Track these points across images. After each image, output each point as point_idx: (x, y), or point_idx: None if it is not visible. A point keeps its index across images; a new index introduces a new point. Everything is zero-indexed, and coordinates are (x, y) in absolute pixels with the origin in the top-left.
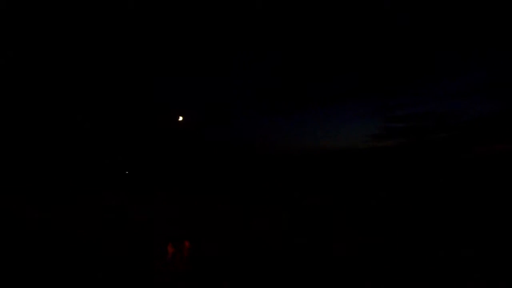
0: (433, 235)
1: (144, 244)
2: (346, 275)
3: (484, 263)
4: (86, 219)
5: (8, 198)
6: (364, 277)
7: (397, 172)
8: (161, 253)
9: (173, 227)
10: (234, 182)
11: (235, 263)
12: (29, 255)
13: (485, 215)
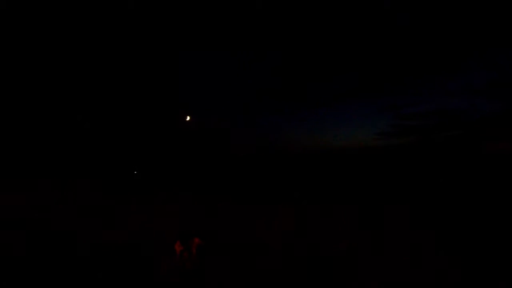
0: (435, 234)
1: (151, 242)
2: (348, 275)
3: (486, 263)
4: (89, 219)
5: (7, 198)
6: (366, 277)
7: (403, 170)
8: (168, 251)
9: (181, 224)
10: (237, 182)
11: (240, 262)
12: (29, 255)
13: (491, 215)
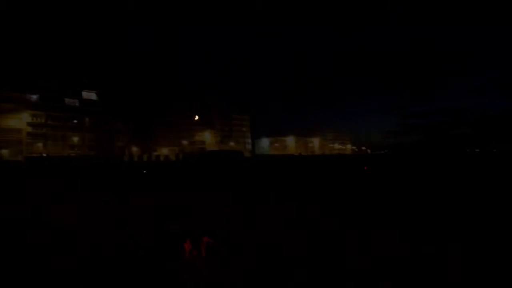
0: (442, 234)
1: (158, 241)
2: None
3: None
4: (93, 218)
5: (8, 198)
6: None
7: (411, 169)
8: (177, 251)
9: (190, 223)
10: (246, 180)
11: (250, 261)
12: (31, 255)
13: (500, 214)
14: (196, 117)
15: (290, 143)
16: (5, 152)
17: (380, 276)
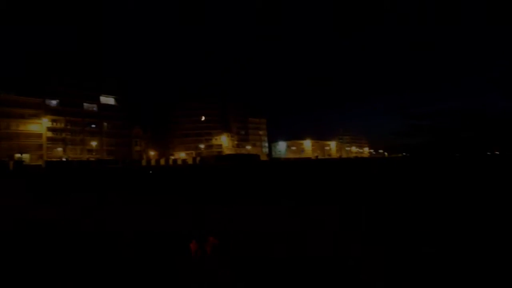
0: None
1: (165, 241)
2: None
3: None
4: (101, 218)
5: (8, 197)
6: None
7: (417, 171)
8: (183, 250)
9: (196, 223)
10: (251, 182)
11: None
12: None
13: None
14: (212, 121)
15: (307, 146)
16: (26, 156)
17: (379, 276)
